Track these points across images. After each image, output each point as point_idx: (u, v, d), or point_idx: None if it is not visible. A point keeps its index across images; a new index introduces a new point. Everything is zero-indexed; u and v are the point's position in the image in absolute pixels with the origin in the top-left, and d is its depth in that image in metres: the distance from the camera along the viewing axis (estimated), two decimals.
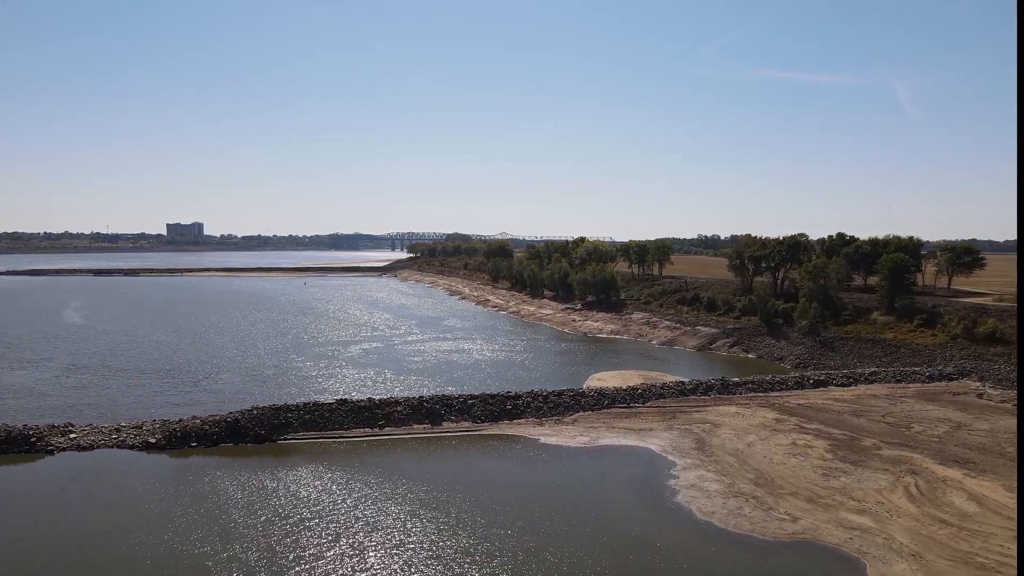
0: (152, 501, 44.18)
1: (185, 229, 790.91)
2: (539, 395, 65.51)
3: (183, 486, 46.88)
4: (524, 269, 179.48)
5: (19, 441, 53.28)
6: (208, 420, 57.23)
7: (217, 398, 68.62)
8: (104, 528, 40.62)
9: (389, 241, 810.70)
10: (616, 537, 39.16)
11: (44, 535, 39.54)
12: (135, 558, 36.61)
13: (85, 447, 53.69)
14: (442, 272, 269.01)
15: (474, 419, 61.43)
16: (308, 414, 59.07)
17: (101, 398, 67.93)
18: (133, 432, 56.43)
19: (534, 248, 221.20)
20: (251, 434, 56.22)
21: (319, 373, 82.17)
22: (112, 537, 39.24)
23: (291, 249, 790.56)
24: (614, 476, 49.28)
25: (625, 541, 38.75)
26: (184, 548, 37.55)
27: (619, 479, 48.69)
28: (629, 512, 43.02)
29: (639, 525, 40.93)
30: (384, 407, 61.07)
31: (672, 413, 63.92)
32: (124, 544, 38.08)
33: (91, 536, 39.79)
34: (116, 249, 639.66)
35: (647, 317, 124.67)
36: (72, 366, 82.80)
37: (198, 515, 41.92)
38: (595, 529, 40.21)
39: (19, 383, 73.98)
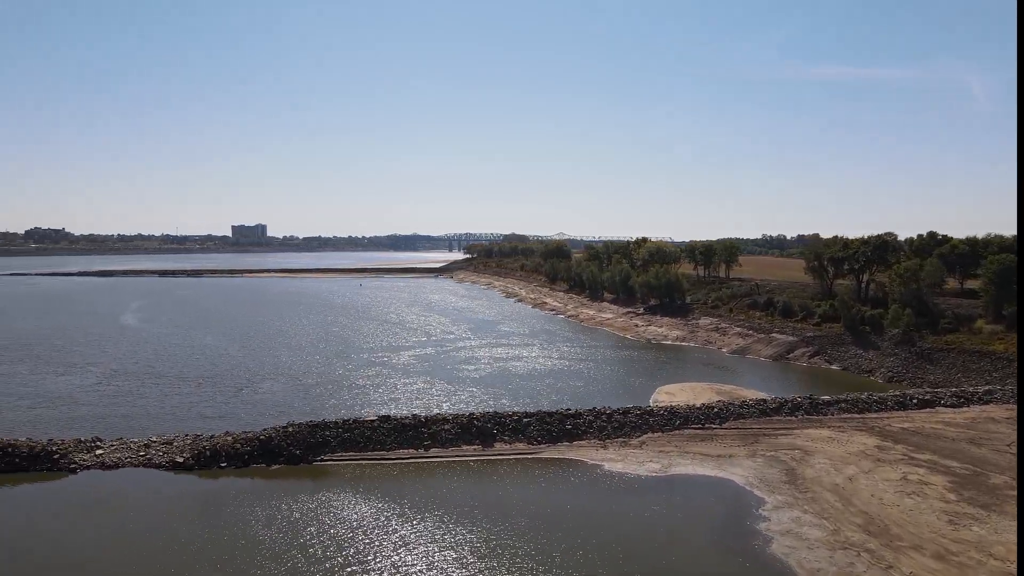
0: (173, 530, 39.63)
1: (249, 231, 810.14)
2: (602, 413, 58.77)
3: (208, 514, 42.15)
4: (583, 271, 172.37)
5: (42, 458, 49.62)
6: (240, 438, 52.57)
7: (255, 410, 64.28)
8: (117, 559, 36.21)
9: (446, 242, 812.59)
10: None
11: (54, 567, 35.31)
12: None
13: (110, 465, 49.69)
14: (498, 273, 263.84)
15: (529, 440, 55.15)
16: (347, 432, 53.85)
17: (136, 408, 64.41)
18: (162, 448, 52.27)
19: (593, 249, 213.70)
20: (285, 454, 51.27)
21: (365, 382, 77.29)
22: (124, 570, 34.78)
23: (350, 250, 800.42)
24: (691, 514, 42.25)
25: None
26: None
27: (697, 519, 41.64)
28: (712, 565, 36.01)
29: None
30: (430, 425, 55.38)
31: (754, 436, 56.27)
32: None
33: (102, 569, 35.39)
34: (184, 250, 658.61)
35: (715, 323, 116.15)
36: (115, 372, 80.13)
37: (220, 549, 37.01)
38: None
39: (58, 389, 71.36)
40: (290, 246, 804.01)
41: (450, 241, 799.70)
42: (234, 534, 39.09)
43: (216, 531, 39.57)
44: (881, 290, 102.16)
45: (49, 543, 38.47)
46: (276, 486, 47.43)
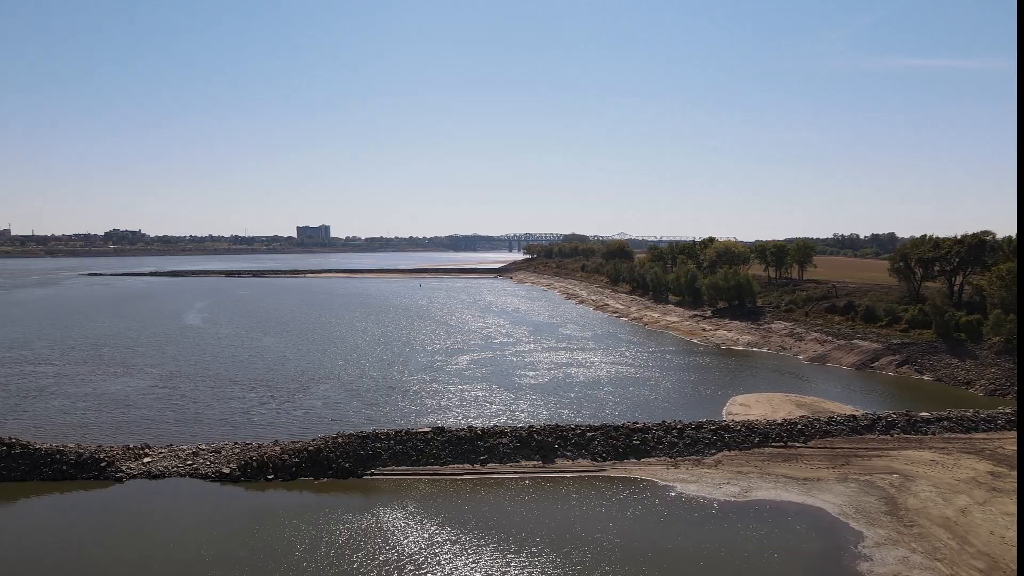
0: (213, 549, 37.23)
1: (313, 231, 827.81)
2: (672, 427, 54.08)
3: (251, 532, 39.62)
4: (646, 272, 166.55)
5: (89, 466, 48.19)
6: (288, 448, 50.11)
7: (306, 417, 62.03)
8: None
9: (506, 242, 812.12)
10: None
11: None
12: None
13: (156, 475, 47.91)
14: (558, 274, 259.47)
15: (594, 456, 50.98)
16: (399, 444, 50.78)
17: (188, 412, 63.01)
18: (210, 457, 50.32)
19: (656, 249, 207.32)
20: (333, 467, 48.52)
21: (420, 388, 74.40)
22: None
23: (411, 250, 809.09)
24: (778, 549, 37.34)
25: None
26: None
27: (786, 555, 36.73)
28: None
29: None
30: (487, 438, 51.81)
31: (844, 457, 50.67)
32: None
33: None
34: (251, 251, 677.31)
35: (790, 328, 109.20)
36: (171, 374, 79.56)
37: (263, 569, 34.33)
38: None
39: (115, 391, 70.90)
40: (353, 246, 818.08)
41: (509, 241, 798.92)
42: (276, 557, 36.33)
43: (258, 553, 36.90)
44: (978, 294, 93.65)
45: (87, 559, 36.60)
46: (323, 502, 44.68)
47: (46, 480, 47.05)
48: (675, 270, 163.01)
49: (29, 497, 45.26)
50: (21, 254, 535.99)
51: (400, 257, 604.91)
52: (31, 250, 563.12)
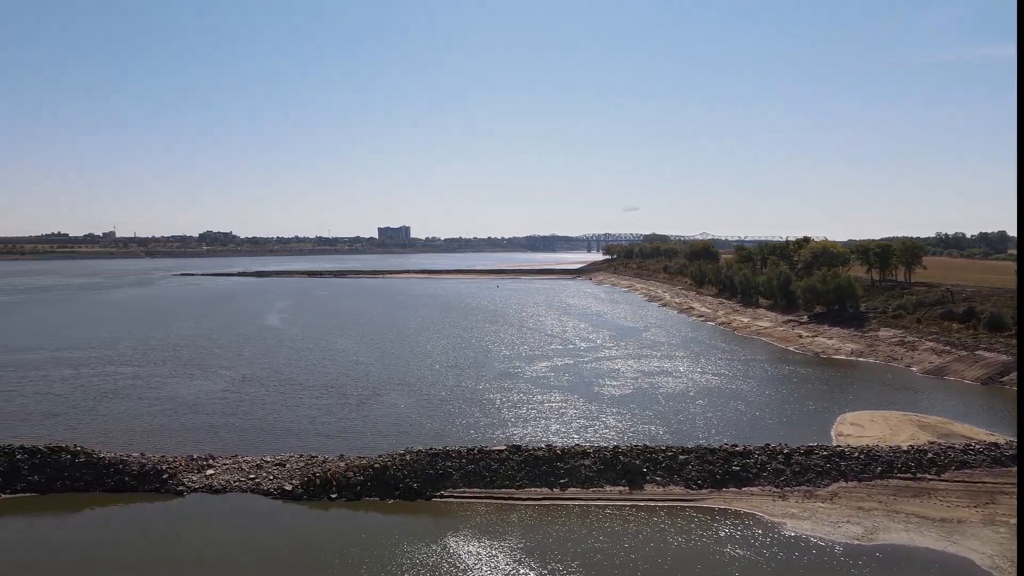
0: (272, 570, 34.23)
1: (394, 232, 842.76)
2: (777, 452, 47.79)
3: (310, 558, 36.41)
4: (734, 273, 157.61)
5: (151, 478, 46.16)
6: (354, 464, 46.74)
7: (374, 428, 58.79)
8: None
9: (585, 243, 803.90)
10: None
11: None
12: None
13: (218, 489, 45.41)
14: (639, 275, 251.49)
15: (687, 483, 45.36)
16: (472, 464, 46.60)
17: (255, 419, 60.91)
18: (274, 471, 47.56)
19: (744, 250, 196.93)
20: (401, 487, 44.77)
21: (496, 398, 70.22)
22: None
23: (489, 251, 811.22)
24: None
25: None
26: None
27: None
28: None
29: None
30: (568, 459, 46.99)
31: (989, 494, 43.18)
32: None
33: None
34: (335, 251, 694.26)
35: (900, 335, 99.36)
36: (244, 378, 78.35)
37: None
38: None
39: (187, 395, 69.92)
40: (432, 247, 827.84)
41: (588, 242, 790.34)
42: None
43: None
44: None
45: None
46: (389, 526, 40.98)
47: (108, 491, 45.31)
48: (765, 271, 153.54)
49: (92, 508, 43.56)
50: (124, 255, 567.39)
51: (478, 257, 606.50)
52: (133, 251, 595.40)
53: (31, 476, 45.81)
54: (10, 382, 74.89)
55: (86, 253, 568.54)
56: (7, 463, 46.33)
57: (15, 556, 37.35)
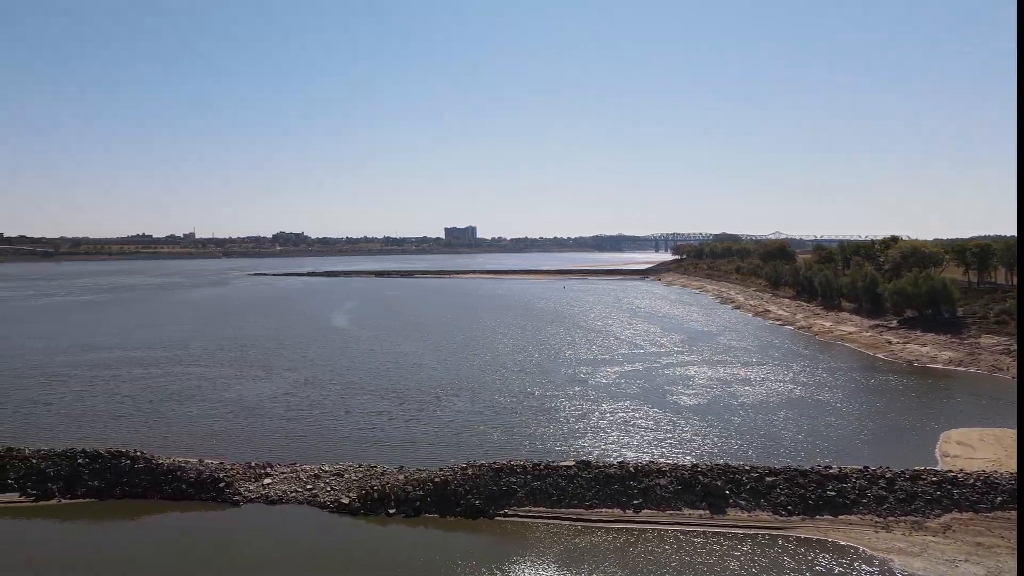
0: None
1: (460, 232, 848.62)
2: (878, 476, 42.87)
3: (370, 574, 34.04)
4: (814, 274, 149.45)
5: (208, 486, 44.89)
6: (412, 478, 44.33)
7: (436, 437, 56.36)
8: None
9: (652, 242, 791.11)
10: None
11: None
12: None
13: (274, 499, 43.75)
14: (710, 276, 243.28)
15: (775, 508, 41.04)
16: (537, 480, 43.49)
17: (315, 425, 59.42)
18: (332, 481, 45.65)
19: (824, 249, 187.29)
20: (462, 503, 42.05)
21: (562, 406, 66.91)
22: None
23: (555, 251, 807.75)
24: None
25: None
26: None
27: None
28: None
29: None
30: (641, 477, 43.33)
31: None
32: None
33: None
34: (402, 252, 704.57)
35: (1005, 344, 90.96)
36: (306, 380, 77.47)
37: None
38: None
39: (249, 398, 69.31)
40: (498, 247, 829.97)
41: (656, 242, 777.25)
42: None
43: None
44: None
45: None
46: (449, 546, 38.31)
47: (166, 498, 44.29)
48: (848, 273, 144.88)
49: (149, 515, 42.61)
50: (202, 255, 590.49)
51: (545, 258, 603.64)
52: (211, 251, 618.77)
53: (91, 481, 45.26)
54: (83, 381, 76.12)
55: (168, 253, 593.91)
56: (69, 468, 45.92)
57: (74, 562, 36.47)
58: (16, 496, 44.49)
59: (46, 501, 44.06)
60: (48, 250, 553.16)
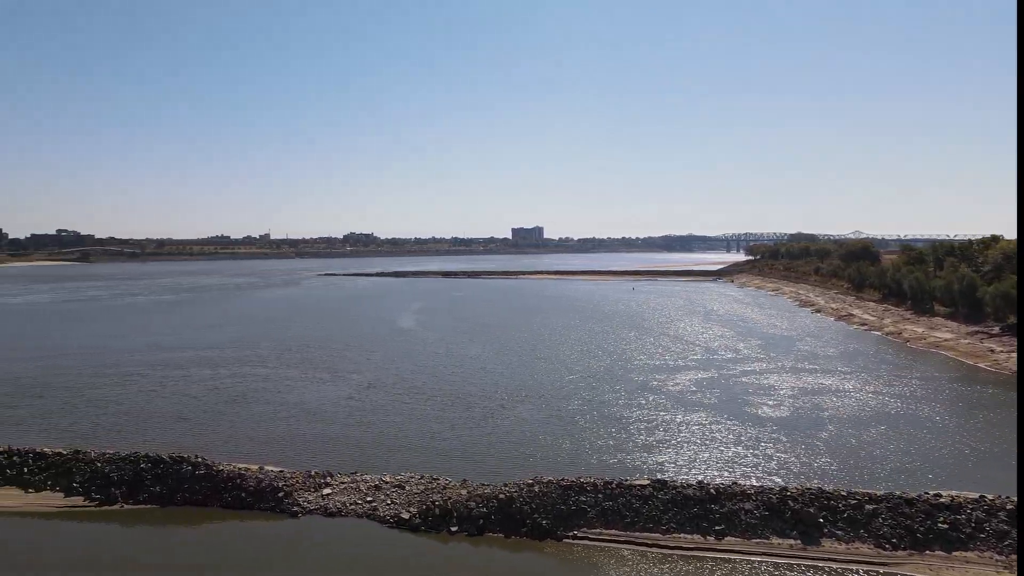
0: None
1: (527, 233, 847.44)
2: (998, 507, 37.87)
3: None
4: (903, 277, 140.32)
5: (267, 495, 43.65)
6: (476, 494, 41.89)
7: (500, 447, 53.84)
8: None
9: (724, 242, 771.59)
10: None
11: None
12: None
13: (333, 512, 42.09)
14: (787, 277, 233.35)
15: (878, 540, 36.71)
16: (609, 500, 40.38)
17: (376, 432, 57.79)
18: (392, 493, 43.75)
19: (913, 250, 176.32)
20: (528, 523, 39.33)
21: (633, 416, 63.37)
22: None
23: (623, 251, 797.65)
24: None
25: None
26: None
27: None
28: None
29: None
30: (724, 500, 39.65)
31: None
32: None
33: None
34: (469, 252, 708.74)
35: None
36: (370, 384, 76.28)
37: None
38: None
39: (312, 401, 68.50)
40: (565, 247, 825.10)
41: (728, 242, 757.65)
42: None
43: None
44: None
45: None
46: (515, 569, 35.88)
47: (225, 507, 43.31)
48: (941, 274, 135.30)
49: (209, 523, 41.66)
50: (276, 255, 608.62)
51: (612, 258, 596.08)
52: (284, 251, 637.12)
53: (153, 487, 44.70)
54: (153, 381, 77.10)
55: (244, 254, 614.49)
56: (132, 472, 45.52)
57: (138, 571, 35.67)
58: (81, 500, 44.36)
59: (109, 506, 43.72)
60: (135, 251, 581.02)
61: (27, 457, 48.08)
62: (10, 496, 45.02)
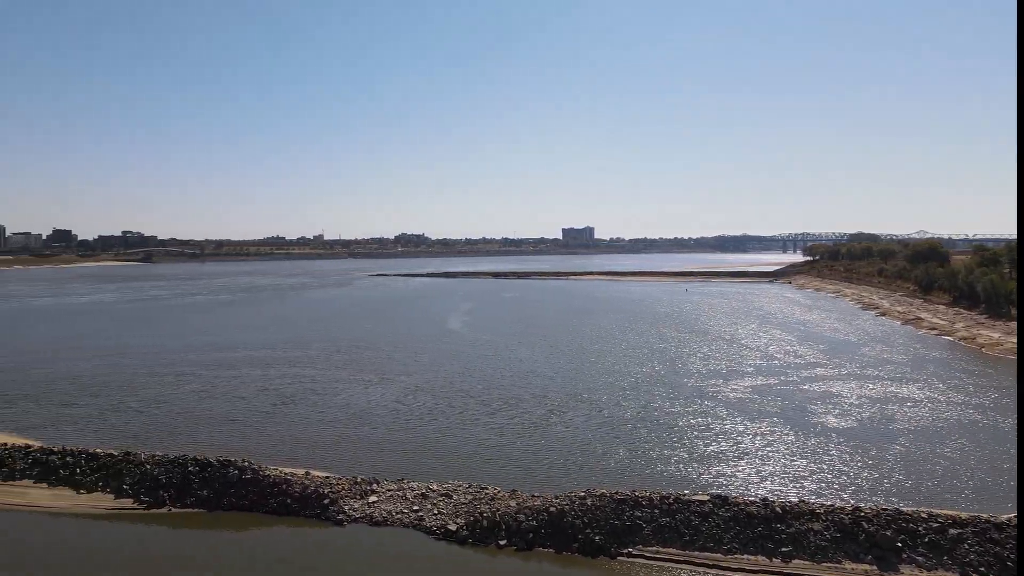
0: None
1: (578, 233, 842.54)
2: None
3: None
4: (977, 279, 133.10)
5: (312, 502, 42.81)
6: (526, 506, 40.16)
7: (549, 455, 51.98)
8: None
9: (780, 242, 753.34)
10: None
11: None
12: None
13: (378, 521, 40.95)
14: (848, 279, 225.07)
15: (963, 567, 33.67)
16: (666, 516, 38.15)
17: (423, 437, 56.60)
18: (439, 503, 42.39)
19: (986, 250, 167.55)
20: (580, 538, 37.45)
21: (689, 424, 60.76)
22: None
23: (675, 251, 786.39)
24: None
25: None
26: None
27: None
28: None
29: None
30: (790, 520, 37.02)
31: None
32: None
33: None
34: (519, 252, 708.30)
35: None
36: (418, 387, 75.31)
37: None
38: None
39: (360, 403, 67.86)
40: (616, 248, 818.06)
41: (784, 242, 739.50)
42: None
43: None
44: None
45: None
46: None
47: (270, 512, 42.62)
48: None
49: (255, 529, 41.02)
50: (330, 256, 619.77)
51: (664, 259, 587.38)
52: (337, 252, 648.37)
53: (200, 490, 44.35)
54: (205, 381, 77.76)
55: (298, 254, 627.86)
56: (180, 475, 45.28)
57: None
58: (130, 502, 44.30)
59: (157, 509, 43.53)
60: (195, 251, 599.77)
61: (80, 458, 48.43)
62: (63, 496, 45.31)
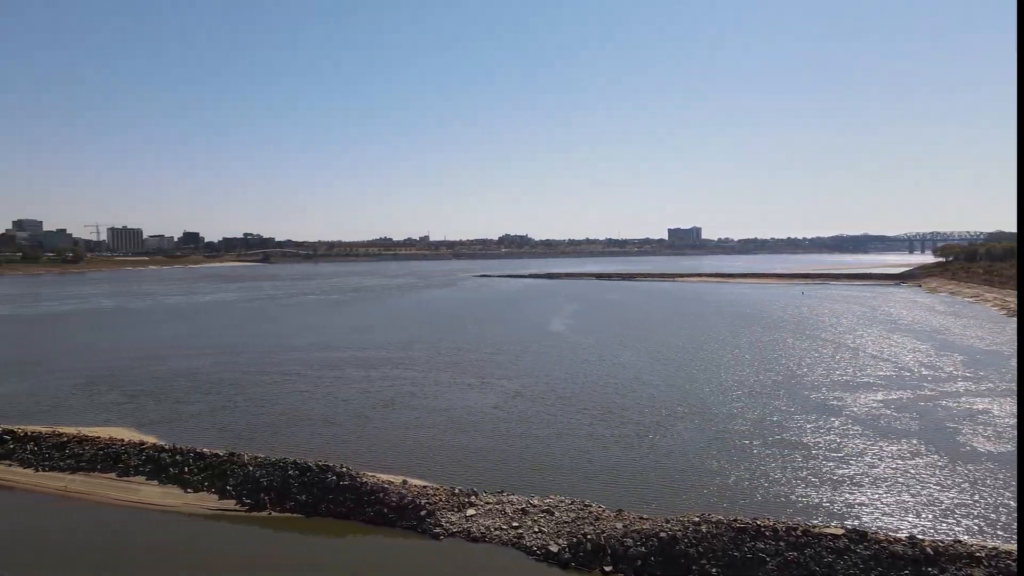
0: None
1: (684, 233, 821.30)
2: None
3: None
4: None
5: (409, 513, 41.37)
6: (633, 529, 37.00)
7: (656, 471, 48.30)
8: None
9: (906, 243, 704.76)
10: None
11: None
12: None
13: (476, 536, 38.94)
14: (989, 282, 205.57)
15: None
16: (793, 549, 34.00)
17: (522, 447, 54.23)
18: (540, 519, 39.95)
19: None
20: (695, 568, 33.94)
21: (813, 442, 55.34)
22: None
23: (788, 252, 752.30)
24: None
25: None
26: None
27: None
28: None
29: None
30: (944, 563, 32.05)
31: None
32: None
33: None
34: (623, 253, 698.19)
35: None
36: (518, 392, 73.14)
37: None
38: None
39: (458, 408, 66.39)
40: (724, 248, 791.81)
41: (911, 241, 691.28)
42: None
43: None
44: None
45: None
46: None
47: (366, 521, 41.54)
48: None
49: (351, 536, 40.16)
50: (435, 256, 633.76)
51: (777, 260, 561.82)
52: (442, 253, 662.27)
53: (299, 495, 43.94)
54: (309, 381, 78.87)
55: (405, 255, 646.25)
56: (280, 479, 45.08)
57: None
58: (233, 503, 44.47)
59: (258, 512, 43.43)
60: (308, 252, 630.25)
61: (188, 456, 49.35)
62: (172, 495, 46.15)
